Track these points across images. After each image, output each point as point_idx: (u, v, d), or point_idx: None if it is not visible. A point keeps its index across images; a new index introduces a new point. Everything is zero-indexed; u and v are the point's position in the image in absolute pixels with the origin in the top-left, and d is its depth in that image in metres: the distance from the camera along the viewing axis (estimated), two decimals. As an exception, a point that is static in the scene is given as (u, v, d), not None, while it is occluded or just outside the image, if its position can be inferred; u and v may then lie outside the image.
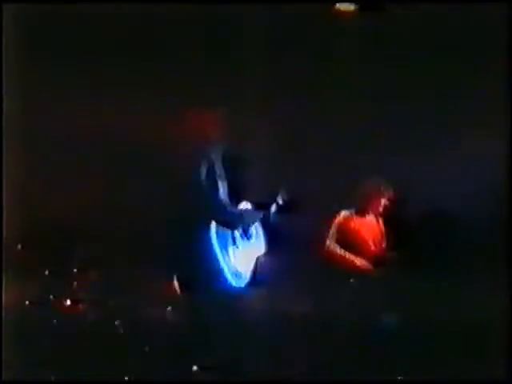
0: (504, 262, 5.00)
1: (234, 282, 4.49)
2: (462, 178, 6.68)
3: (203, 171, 4.54)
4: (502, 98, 5.18)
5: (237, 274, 4.52)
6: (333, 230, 6.21)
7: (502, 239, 5.16)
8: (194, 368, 4.80)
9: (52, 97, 6.83)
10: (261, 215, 4.80)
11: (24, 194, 6.86)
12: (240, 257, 4.58)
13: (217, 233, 4.46)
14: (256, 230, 4.75)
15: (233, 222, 4.59)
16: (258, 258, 4.70)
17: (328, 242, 6.17)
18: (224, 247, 4.49)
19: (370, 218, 6.36)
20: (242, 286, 4.57)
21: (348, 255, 6.17)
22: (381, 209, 6.33)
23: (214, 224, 4.49)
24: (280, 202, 4.91)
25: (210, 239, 4.43)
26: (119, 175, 7.46)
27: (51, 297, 6.05)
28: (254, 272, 4.62)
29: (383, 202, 6.31)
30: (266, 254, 4.77)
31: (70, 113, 7.12)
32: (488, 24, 5.87)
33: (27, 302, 6.02)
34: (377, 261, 6.21)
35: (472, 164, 6.72)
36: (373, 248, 6.30)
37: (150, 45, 6.16)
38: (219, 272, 4.43)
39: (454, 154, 6.93)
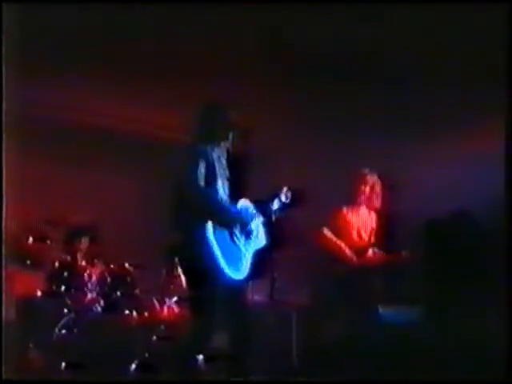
0: (504, 263, 5.01)
1: (232, 275, 4.60)
2: (462, 174, 6.77)
3: (203, 169, 4.62)
4: (502, 99, 5.21)
5: (235, 269, 4.64)
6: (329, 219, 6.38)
7: (502, 237, 5.18)
8: (200, 358, 4.96)
9: (52, 96, 6.98)
10: (261, 212, 4.89)
11: (32, 188, 7.02)
12: (239, 252, 4.70)
13: (215, 229, 4.56)
14: (256, 226, 4.85)
15: (232, 218, 4.69)
16: (256, 253, 4.81)
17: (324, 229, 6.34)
18: (223, 243, 4.60)
19: (363, 211, 6.48)
20: (241, 279, 4.67)
21: (339, 242, 6.31)
22: (372, 201, 6.43)
23: (212, 221, 4.58)
24: (283, 198, 5.01)
25: (208, 235, 4.53)
26: (120, 172, 7.65)
27: (62, 288, 6.20)
28: (253, 266, 4.73)
29: (374, 194, 6.42)
30: (265, 248, 4.88)
31: (70, 111, 7.28)
32: (488, 24, 5.85)
33: (39, 293, 6.19)
34: (363, 253, 6.32)
35: (470, 162, 6.83)
36: (361, 240, 6.42)
37: (151, 42, 6.22)
38: (218, 267, 4.53)
39: (452, 151, 7.03)
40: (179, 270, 5.86)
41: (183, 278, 5.39)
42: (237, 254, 4.65)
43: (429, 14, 5.92)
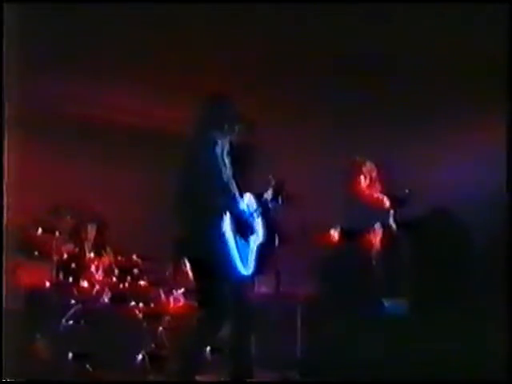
0: (504, 262, 5.09)
1: (242, 270, 4.68)
2: (464, 174, 6.86)
3: (209, 161, 4.67)
4: (502, 99, 5.30)
5: (244, 263, 4.72)
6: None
7: (501, 235, 5.26)
8: (207, 350, 5.04)
9: (52, 95, 7.04)
10: (261, 205, 4.94)
11: (39, 179, 7.12)
12: (246, 246, 4.77)
13: (227, 222, 4.64)
14: (259, 219, 4.93)
15: (239, 212, 4.76)
16: (260, 247, 4.88)
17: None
18: (233, 236, 4.67)
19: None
20: (249, 273, 4.75)
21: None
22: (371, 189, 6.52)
23: (219, 214, 4.64)
24: (274, 186, 5.03)
25: (220, 228, 4.60)
26: (128, 164, 7.72)
27: (69, 279, 6.26)
28: (258, 260, 4.80)
29: (364, 179, 6.54)
30: (267, 242, 4.95)
31: (73, 105, 7.31)
32: (488, 24, 5.92)
33: (47, 284, 6.24)
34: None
35: (471, 161, 6.94)
36: None
37: (154, 36, 6.25)
38: (226, 260, 4.61)
39: (451, 150, 7.13)
40: (186, 262, 5.93)
41: (190, 270, 5.44)
42: (245, 249, 4.74)
43: (429, 13, 6.00)
